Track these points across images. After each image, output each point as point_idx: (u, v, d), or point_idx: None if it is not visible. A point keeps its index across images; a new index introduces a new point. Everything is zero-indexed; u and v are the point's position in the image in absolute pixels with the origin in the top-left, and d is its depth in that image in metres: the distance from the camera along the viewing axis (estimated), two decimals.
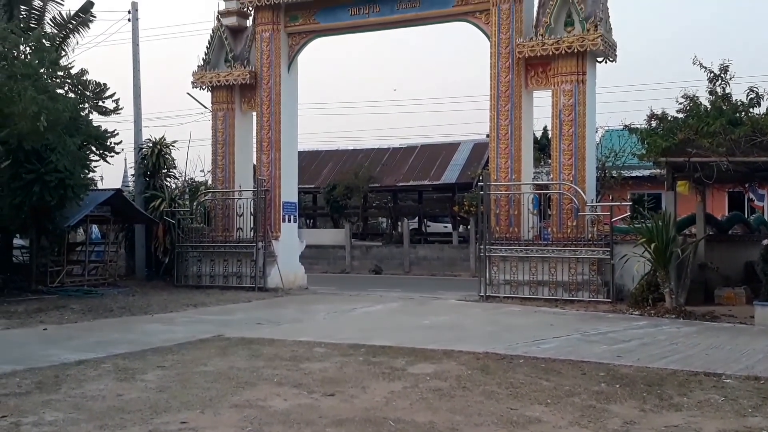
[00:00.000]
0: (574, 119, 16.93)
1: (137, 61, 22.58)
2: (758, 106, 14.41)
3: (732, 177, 15.26)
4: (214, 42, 21.14)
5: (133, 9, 22.82)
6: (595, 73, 17.56)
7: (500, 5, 17.74)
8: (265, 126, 20.53)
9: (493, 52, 17.89)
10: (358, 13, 19.77)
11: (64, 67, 17.78)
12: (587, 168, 16.96)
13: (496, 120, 17.80)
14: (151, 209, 21.53)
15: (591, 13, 16.92)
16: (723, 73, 14.85)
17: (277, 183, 20.37)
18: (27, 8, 20.80)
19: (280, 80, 20.44)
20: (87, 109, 18.22)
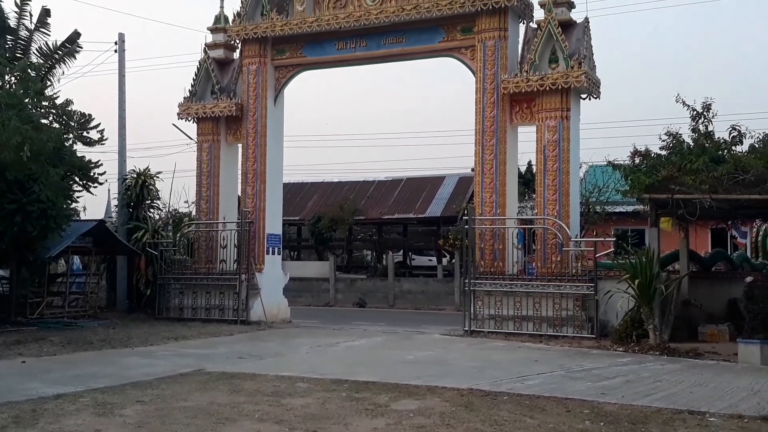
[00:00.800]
0: (559, 155, 17.07)
1: (123, 92, 22.61)
2: (740, 144, 14.64)
3: (715, 214, 15.41)
4: (200, 74, 21.22)
5: (119, 40, 22.90)
6: (579, 110, 17.77)
7: (486, 42, 17.95)
8: (250, 158, 20.55)
9: (479, 87, 18.06)
10: (345, 48, 19.94)
11: (49, 97, 17.77)
12: (571, 203, 17.06)
13: (481, 155, 17.91)
14: (134, 240, 21.40)
15: (575, 50, 17.17)
16: (705, 111, 15.08)
17: (262, 215, 20.33)
18: (13, 38, 20.82)
19: (266, 112, 20.51)
20: (71, 140, 18.17)
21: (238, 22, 20.54)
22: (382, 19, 18.85)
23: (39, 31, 21.01)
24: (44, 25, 21.01)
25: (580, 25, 17.70)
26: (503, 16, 17.82)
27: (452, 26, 18.50)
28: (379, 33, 19.30)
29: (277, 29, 19.96)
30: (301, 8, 19.97)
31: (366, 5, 19.29)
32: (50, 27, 21.08)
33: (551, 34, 17.17)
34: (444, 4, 18.13)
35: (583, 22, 17.66)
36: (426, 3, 18.39)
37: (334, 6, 19.76)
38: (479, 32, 18.02)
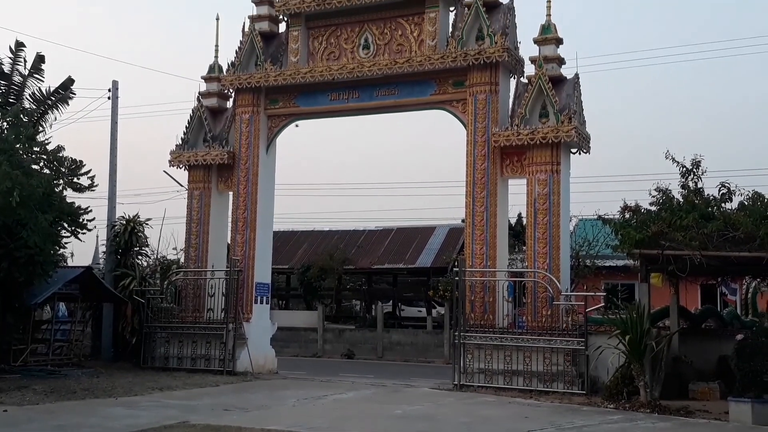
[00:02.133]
0: (549, 208, 17.17)
1: (115, 139, 22.69)
2: (730, 201, 14.77)
3: (705, 271, 15.45)
4: (193, 122, 21.36)
5: (113, 87, 23.07)
6: (569, 164, 17.93)
7: (477, 95, 18.17)
8: (241, 206, 20.57)
9: (470, 140, 18.23)
10: (338, 99, 20.13)
11: (41, 143, 17.81)
12: (561, 257, 17.10)
13: (472, 206, 17.99)
14: (121, 288, 21.24)
15: (565, 105, 17.40)
16: (695, 168, 15.26)
17: (251, 263, 20.27)
18: (6, 83, 20.90)
19: (258, 161, 20.59)
20: (61, 186, 18.16)
21: (232, 72, 20.76)
22: (375, 71, 19.10)
23: (33, 77, 21.09)
24: (38, 71, 21.11)
25: (570, 80, 17.98)
26: (494, 71, 18.08)
27: (444, 80, 18.75)
28: (371, 85, 19.52)
29: (271, 80, 20.17)
30: (295, 59, 20.22)
31: (359, 58, 19.57)
32: (44, 73, 21.15)
33: (542, 89, 17.41)
34: (436, 59, 18.41)
35: (573, 78, 17.95)
36: (418, 57, 18.68)
37: (327, 58, 20.04)
38: (471, 86, 18.26)
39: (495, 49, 17.73)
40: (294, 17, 20.28)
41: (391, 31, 19.48)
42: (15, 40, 20.97)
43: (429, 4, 18.82)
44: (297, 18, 20.24)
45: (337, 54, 19.98)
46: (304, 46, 20.32)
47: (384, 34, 19.55)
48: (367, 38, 19.72)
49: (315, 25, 20.29)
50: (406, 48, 19.19)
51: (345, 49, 19.95)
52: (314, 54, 20.26)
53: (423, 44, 18.92)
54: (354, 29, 19.87)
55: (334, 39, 20.13)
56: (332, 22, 20.08)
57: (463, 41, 18.23)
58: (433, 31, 18.79)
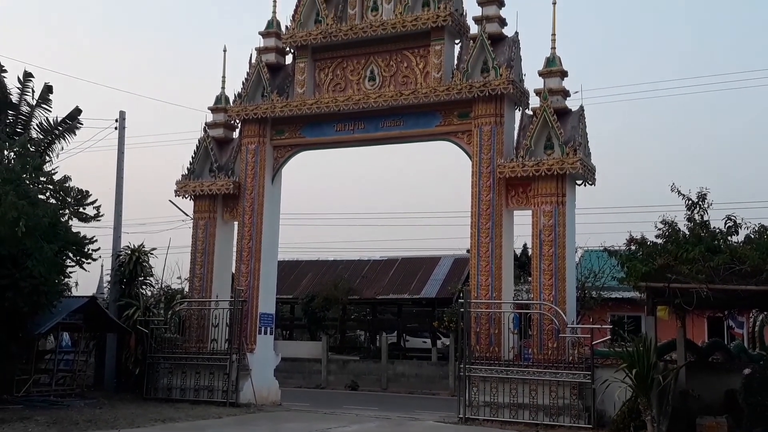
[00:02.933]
0: (554, 240, 17.14)
1: (121, 169, 22.80)
2: (736, 234, 14.74)
3: (712, 304, 15.35)
4: (199, 152, 21.45)
5: (120, 117, 23.24)
6: (574, 195, 17.93)
7: (482, 127, 18.23)
8: (246, 236, 20.57)
9: (475, 171, 18.25)
10: (344, 129, 20.21)
11: (47, 173, 17.91)
12: (567, 289, 17.03)
13: (477, 238, 17.96)
14: (125, 318, 21.20)
15: (570, 137, 17.45)
16: (701, 201, 15.25)
17: (255, 294, 20.22)
18: (14, 113, 21.12)
19: (263, 191, 20.63)
20: (67, 215, 18.22)
21: (238, 103, 20.89)
22: (381, 102, 19.19)
23: (40, 107, 21.32)
24: (46, 101, 21.34)
25: (575, 113, 18.05)
26: (499, 103, 18.16)
27: (449, 111, 18.82)
28: (377, 116, 19.61)
29: (277, 110, 20.28)
30: (301, 90, 20.35)
31: (365, 89, 19.69)
32: (52, 103, 21.41)
33: (547, 121, 17.48)
34: (441, 90, 18.50)
35: (578, 110, 18.02)
36: (424, 88, 18.78)
37: (333, 89, 20.16)
38: (476, 117, 18.33)
39: (500, 81, 17.83)
40: (300, 49, 20.45)
41: (397, 63, 19.61)
42: (23, 71, 21.26)
43: (434, 37, 18.95)
44: (303, 50, 20.41)
45: (343, 85, 20.11)
46: (311, 77, 20.47)
47: (390, 66, 19.68)
48: (372, 70, 19.85)
49: (321, 57, 20.45)
50: (412, 80, 19.30)
51: (351, 81, 20.08)
52: (320, 85, 20.40)
53: (428, 76, 19.03)
54: (360, 61, 20.01)
55: (340, 71, 20.27)
56: (338, 54, 20.24)
57: (468, 73, 18.33)
58: (438, 64, 18.90)
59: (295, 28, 20.24)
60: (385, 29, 19.24)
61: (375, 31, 19.36)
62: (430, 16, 18.66)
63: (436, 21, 18.61)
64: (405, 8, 19.00)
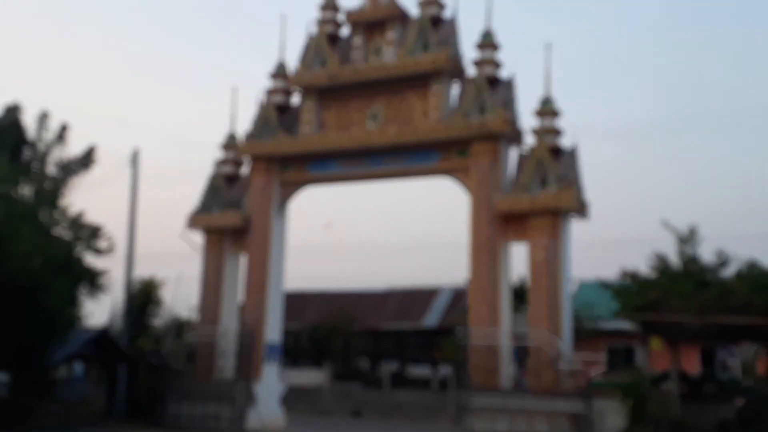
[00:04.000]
0: (550, 273, 17.09)
1: (134, 204, 22.82)
2: (726, 267, 14.67)
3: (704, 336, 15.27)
4: (209, 188, 21.48)
5: (134, 154, 23.32)
6: (569, 229, 17.92)
7: (479, 164, 18.28)
8: (253, 268, 20.53)
9: (473, 206, 18.27)
10: (347, 166, 20.31)
11: (62, 208, 17.91)
12: (563, 320, 16.95)
13: (476, 270, 17.91)
14: (136, 348, 21.08)
15: (564, 174, 17.48)
16: (692, 236, 15.21)
17: (262, 324, 20.13)
18: (32, 150, 21.16)
19: (270, 225, 20.64)
20: (81, 249, 18.19)
21: (247, 141, 20.97)
22: (383, 141, 19.32)
23: (56, 145, 21.37)
24: (62, 139, 21.40)
25: (569, 150, 18.10)
26: (496, 142, 18.24)
27: (448, 149, 18.91)
28: (379, 153, 19.72)
29: (284, 148, 20.38)
30: (307, 129, 20.47)
31: (368, 128, 19.79)
32: (68, 141, 21.46)
33: (542, 158, 17.53)
34: (441, 129, 18.61)
35: (572, 148, 18.07)
36: (424, 128, 18.88)
37: (338, 128, 20.27)
38: (473, 155, 18.40)
39: (497, 121, 17.93)
40: (307, 91, 20.61)
41: (398, 104, 19.74)
42: (41, 111, 21.34)
43: (434, 79, 19.10)
44: (310, 91, 20.56)
45: (347, 124, 20.23)
46: (316, 116, 20.59)
47: (391, 106, 19.81)
48: (375, 110, 19.98)
49: (327, 97, 20.60)
50: (413, 119, 19.40)
51: (354, 120, 20.20)
52: (325, 124, 20.51)
53: (428, 116, 19.14)
54: (363, 101, 20.15)
55: (344, 110, 20.40)
56: (343, 95, 20.39)
57: (466, 113, 18.43)
58: (437, 104, 19.03)
59: (302, 71, 20.42)
60: (388, 72, 19.41)
61: (378, 74, 19.54)
62: (430, 59, 18.82)
63: (436, 64, 18.77)
64: (406, 52, 19.16)
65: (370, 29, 20.27)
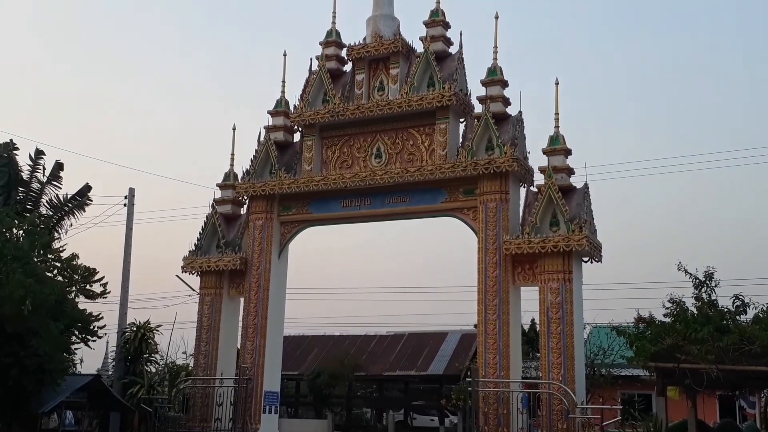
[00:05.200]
0: (562, 317, 17.03)
1: (129, 245, 22.96)
2: (744, 313, 14.67)
3: (722, 384, 15.18)
4: (207, 228, 21.58)
5: (129, 194, 23.53)
6: (581, 272, 17.89)
7: (487, 203, 18.35)
8: (252, 312, 20.52)
9: (481, 247, 18.28)
10: (350, 205, 20.37)
11: (56, 250, 18.07)
12: (576, 367, 16.84)
13: (484, 314, 17.87)
14: (129, 396, 21.05)
15: (575, 214, 17.52)
16: (708, 279, 15.21)
17: (260, 371, 20.04)
18: (25, 190, 21.43)
19: (270, 267, 20.67)
20: (74, 293, 18.29)
21: (247, 180, 21.12)
22: (387, 179, 19.39)
23: (51, 184, 21.67)
24: (56, 179, 21.70)
25: (580, 190, 18.16)
26: (504, 180, 18.31)
27: (454, 188, 18.98)
28: (383, 192, 19.78)
29: (285, 187, 20.50)
30: (308, 167, 20.61)
31: (371, 166, 19.93)
32: (62, 180, 21.77)
33: (552, 198, 17.59)
34: (446, 167, 18.71)
35: (583, 188, 18.14)
36: (429, 165, 19.00)
37: (340, 166, 20.42)
38: (481, 194, 18.46)
39: (504, 159, 18.03)
40: (308, 127, 20.80)
41: (403, 141, 19.89)
42: (35, 149, 21.67)
43: (439, 115, 19.28)
44: (311, 128, 20.76)
45: (350, 162, 20.37)
46: (318, 154, 20.75)
47: (396, 143, 19.96)
48: (379, 147, 20.13)
49: (329, 134, 20.78)
50: (417, 157, 19.54)
51: (357, 158, 20.34)
52: (327, 162, 20.67)
53: (434, 153, 19.27)
54: (366, 139, 20.32)
55: (347, 148, 20.56)
56: (345, 132, 20.57)
57: (473, 151, 18.55)
58: (443, 141, 19.16)
59: (304, 108, 20.63)
60: (392, 108, 19.59)
61: (381, 111, 19.71)
62: (435, 96, 19.02)
63: (441, 101, 18.96)
64: (411, 88, 19.38)
65: (374, 65, 20.54)
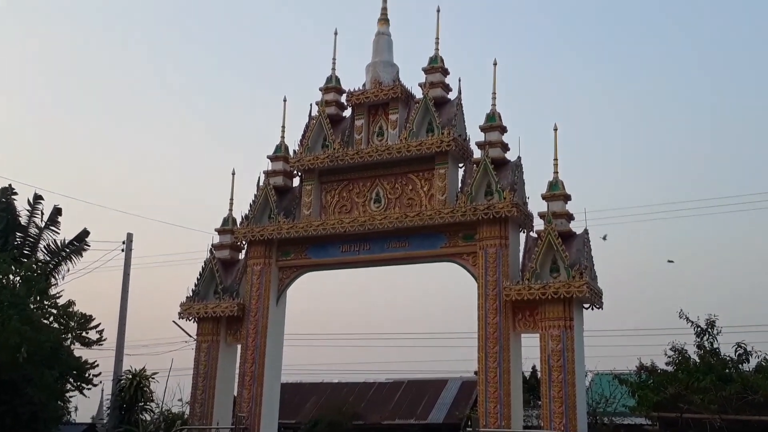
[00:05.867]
0: (564, 365, 16.97)
1: (126, 291, 22.99)
2: (747, 362, 14.66)
3: None
4: (205, 273, 21.59)
5: (127, 240, 23.61)
6: (582, 319, 17.88)
7: (487, 249, 18.42)
8: (249, 359, 20.44)
9: (481, 293, 18.30)
10: (349, 250, 20.44)
11: (52, 296, 18.09)
12: (578, 416, 16.73)
13: (485, 362, 17.82)
14: None
15: (576, 260, 17.58)
16: (710, 327, 15.22)
17: (257, 420, 19.88)
18: (23, 235, 21.52)
19: (267, 313, 20.65)
20: (69, 340, 18.27)
21: (245, 225, 21.22)
22: (386, 224, 19.50)
23: (49, 229, 21.79)
24: (54, 223, 21.82)
25: (580, 236, 18.26)
26: (504, 225, 18.42)
27: (454, 233, 19.06)
28: (382, 237, 19.86)
29: (284, 232, 20.59)
30: (307, 212, 20.73)
31: (370, 211, 20.05)
32: (60, 225, 21.88)
33: (551, 244, 17.67)
34: (446, 213, 18.82)
35: (583, 234, 18.24)
36: (428, 210, 19.11)
37: (339, 211, 20.55)
38: (481, 240, 18.54)
39: (504, 204, 18.15)
40: (308, 172, 20.98)
41: (402, 186, 20.04)
42: (33, 193, 21.81)
43: (439, 161, 19.46)
44: (310, 173, 20.94)
45: (349, 207, 20.50)
46: (317, 199, 20.89)
47: (395, 188, 20.11)
48: (378, 192, 20.28)
49: (328, 179, 20.95)
50: (417, 202, 19.67)
51: (357, 203, 20.48)
52: (326, 207, 20.80)
53: (433, 198, 19.40)
54: (366, 184, 20.47)
55: (346, 193, 20.71)
56: (344, 177, 20.74)
57: (472, 196, 18.68)
58: (442, 186, 19.31)
59: (303, 153, 20.84)
60: (391, 154, 19.79)
61: (381, 156, 19.91)
62: (434, 141, 19.23)
63: (440, 146, 19.17)
64: (410, 134, 19.61)
65: (373, 110, 20.80)
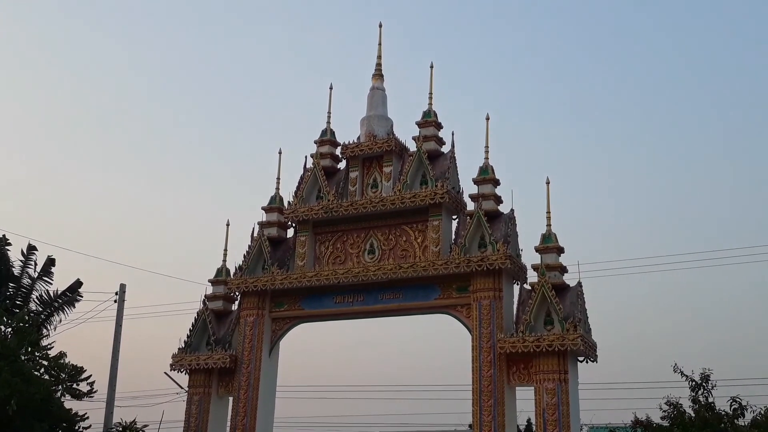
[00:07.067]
0: (559, 419, 16.89)
1: (118, 342, 22.86)
2: (742, 417, 14.60)
3: None
4: (197, 325, 21.52)
5: (120, 291, 23.56)
6: (576, 372, 17.85)
7: (481, 301, 18.45)
8: (240, 412, 20.26)
9: (475, 345, 18.27)
10: (343, 302, 20.44)
11: (44, 348, 17.98)
12: None
13: (479, 415, 17.72)
14: None
15: (569, 313, 17.61)
16: (704, 382, 15.20)
17: None
18: (15, 286, 21.46)
19: (260, 364, 20.54)
20: (60, 392, 18.10)
21: (239, 275, 21.22)
22: (380, 275, 19.54)
23: (42, 280, 21.72)
24: (47, 274, 21.77)
25: (573, 288, 18.32)
26: (498, 277, 18.48)
27: (448, 285, 19.11)
28: (376, 288, 19.90)
29: (278, 283, 20.60)
30: (301, 263, 20.77)
31: (364, 262, 20.11)
32: (53, 276, 21.82)
33: (545, 296, 17.72)
34: (440, 264, 18.89)
35: (576, 286, 18.30)
36: (422, 262, 19.18)
37: (333, 262, 20.60)
38: (474, 291, 18.59)
39: (497, 256, 18.24)
40: (302, 223, 21.09)
41: (396, 237, 20.14)
42: (27, 244, 21.81)
43: (432, 212, 19.60)
44: (305, 224, 21.04)
45: (343, 258, 20.55)
46: (311, 250, 20.95)
47: (389, 239, 20.20)
48: (372, 243, 20.37)
49: (322, 230, 21.04)
50: (411, 253, 19.74)
51: (351, 254, 20.54)
52: (320, 258, 20.85)
53: (427, 250, 19.48)
54: (360, 235, 20.57)
55: (340, 244, 20.79)
56: (339, 228, 20.84)
57: (465, 248, 18.78)
58: (436, 238, 19.41)
59: (298, 204, 20.97)
60: (385, 205, 19.93)
61: (375, 207, 20.04)
62: (428, 193, 19.39)
63: (434, 198, 19.32)
64: (404, 186, 19.78)
65: (367, 163, 21.00)
